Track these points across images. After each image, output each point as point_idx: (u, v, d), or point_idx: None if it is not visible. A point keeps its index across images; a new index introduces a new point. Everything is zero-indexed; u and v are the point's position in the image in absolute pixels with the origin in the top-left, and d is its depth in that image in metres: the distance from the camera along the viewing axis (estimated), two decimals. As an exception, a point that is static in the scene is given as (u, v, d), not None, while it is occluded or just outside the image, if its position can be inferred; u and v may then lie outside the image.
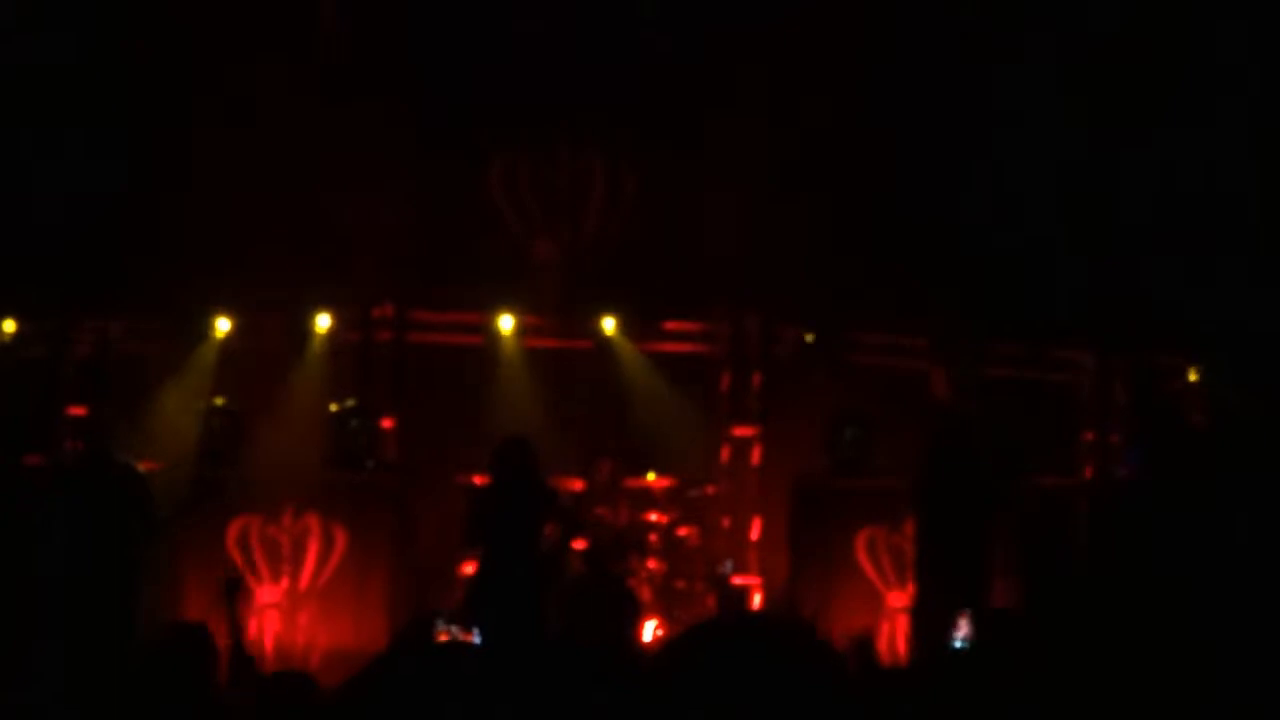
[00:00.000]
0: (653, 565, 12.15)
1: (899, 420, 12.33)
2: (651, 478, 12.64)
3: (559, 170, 13.79)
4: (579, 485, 12.26)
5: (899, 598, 11.96)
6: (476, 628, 10.03)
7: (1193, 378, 13.55)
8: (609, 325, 13.25)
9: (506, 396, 12.84)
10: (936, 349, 13.20)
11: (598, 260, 13.58)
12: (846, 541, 12.30)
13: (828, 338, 13.27)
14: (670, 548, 12.38)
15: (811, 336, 13.26)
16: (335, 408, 12.22)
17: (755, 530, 13.10)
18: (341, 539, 11.69)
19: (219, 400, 12.04)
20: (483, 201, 13.56)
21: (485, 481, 11.05)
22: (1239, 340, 12.64)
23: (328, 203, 12.74)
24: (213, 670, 6.94)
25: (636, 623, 10.87)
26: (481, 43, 13.20)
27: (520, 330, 13.19)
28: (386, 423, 12.61)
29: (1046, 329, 13.34)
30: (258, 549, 11.60)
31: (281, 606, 11.55)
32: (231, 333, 12.53)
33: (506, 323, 13.14)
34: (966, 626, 9.39)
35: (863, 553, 12.30)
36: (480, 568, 10.54)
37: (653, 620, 11.80)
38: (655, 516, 12.43)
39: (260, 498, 11.64)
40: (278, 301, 12.55)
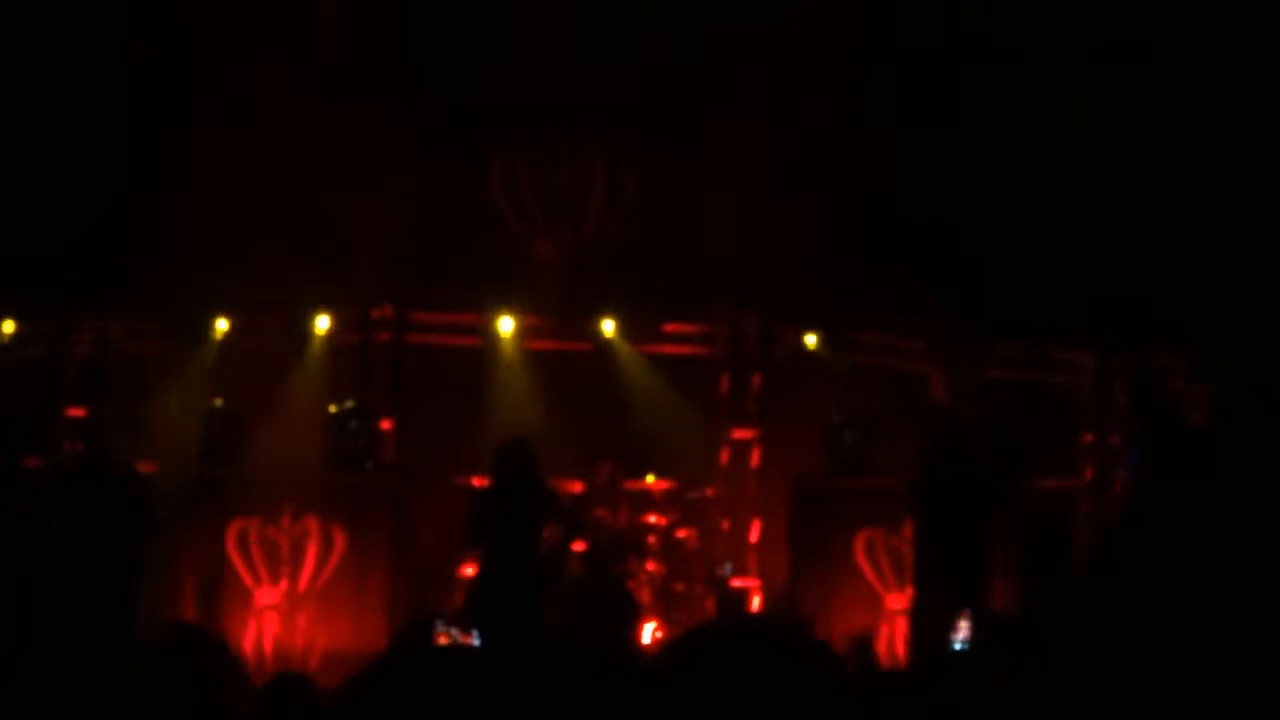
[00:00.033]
0: (652, 567, 12.13)
1: (898, 421, 12.33)
2: (651, 480, 12.62)
3: (559, 170, 13.78)
4: (578, 487, 12.24)
5: (898, 599, 11.94)
6: (477, 629, 10.03)
7: (1193, 379, 13.53)
8: (609, 327, 13.25)
9: (506, 398, 12.83)
10: (936, 350, 13.21)
11: (597, 261, 13.57)
12: (846, 543, 12.28)
13: (828, 340, 13.26)
14: (669, 550, 12.36)
15: (814, 343, 13.24)
16: (334, 409, 12.20)
17: (754, 532, 13.09)
18: (340, 540, 11.68)
19: (218, 401, 12.03)
20: (483, 201, 13.55)
21: (485, 483, 11.04)
22: (1239, 341, 12.62)
23: (328, 203, 12.73)
24: (211, 671, 6.93)
25: (635, 624, 10.87)
26: (481, 43, 13.19)
27: (520, 331, 13.18)
28: (385, 424, 12.59)
29: (1046, 330, 13.33)
30: (257, 550, 11.59)
31: (280, 608, 11.54)
32: (231, 333, 12.52)
33: (506, 324, 13.13)
34: (966, 628, 9.37)
35: (862, 554, 12.28)
36: (481, 569, 10.53)
37: (652, 622, 11.78)
38: (654, 518, 12.41)
39: (259, 499, 11.63)
40: (277, 301, 12.55)
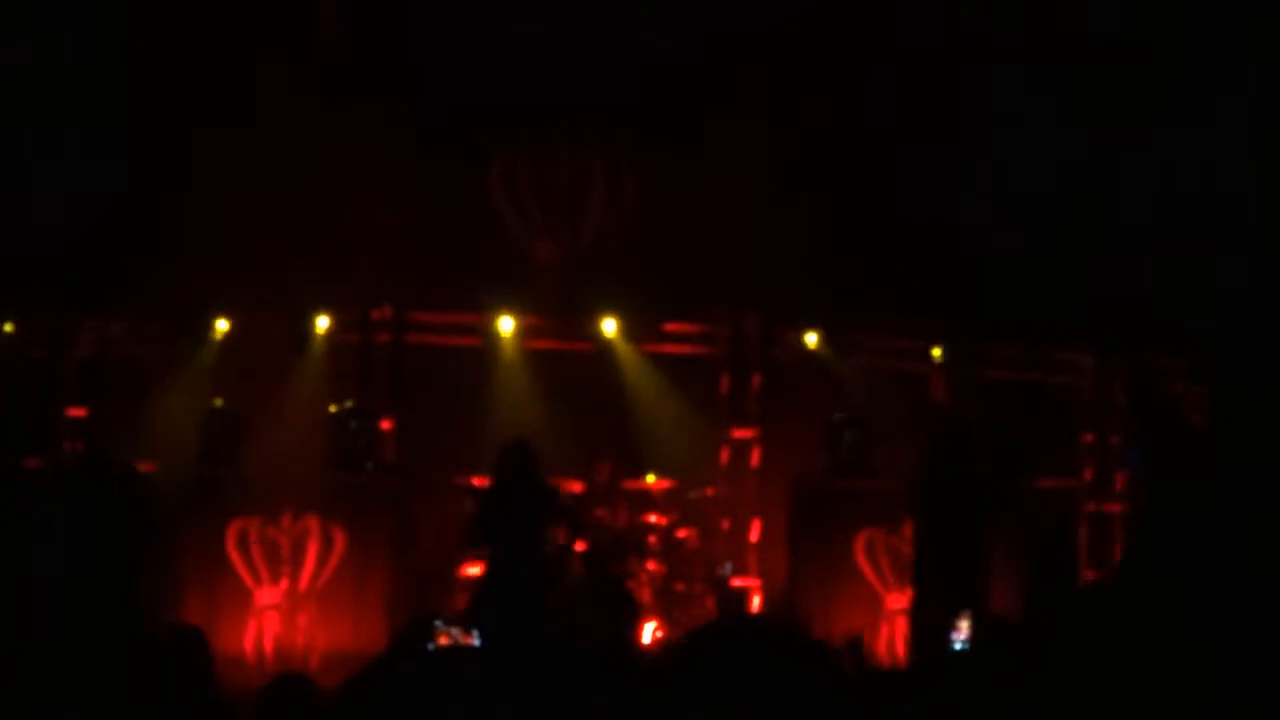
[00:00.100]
0: (652, 567, 12.13)
1: (898, 422, 12.33)
2: (651, 480, 12.62)
3: (559, 170, 13.78)
4: (578, 487, 12.24)
5: (898, 600, 11.93)
6: (480, 629, 10.00)
7: (1192, 380, 13.54)
8: (609, 327, 13.24)
9: (506, 398, 12.82)
10: (936, 350, 13.22)
11: (597, 261, 13.57)
12: (845, 543, 12.28)
13: (828, 340, 13.26)
14: (669, 549, 12.36)
15: (815, 343, 13.24)
16: (334, 409, 12.20)
17: (754, 532, 13.09)
18: (340, 540, 11.67)
19: (218, 401, 12.01)
20: (483, 202, 13.56)
21: (486, 483, 11.04)
22: (1239, 341, 12.62)
23: (328, 203, 12.73)
24: (210, 672, 6.93)
25: (635, 624, 10.86)
26: (481, 43, 13.18)
27: (519, 332, 13.18)
28: (385, 424, 12.60)
29: (1046, 330, 13.33)
30: (257, 550, 11.59)
31: (281, 608, 11.54)
32: (231, 333, 12.52)
33: (506, 324, 13.13)
34: (966, 628, 9.37)
35: (862, 554, 12.28)
36: (486, 570, 10.52)
37: (652, 622, 11.79)
38: (654, 518, 12.41)
39: (259, 499, 11.63)
40: (277, 301, 12.54)
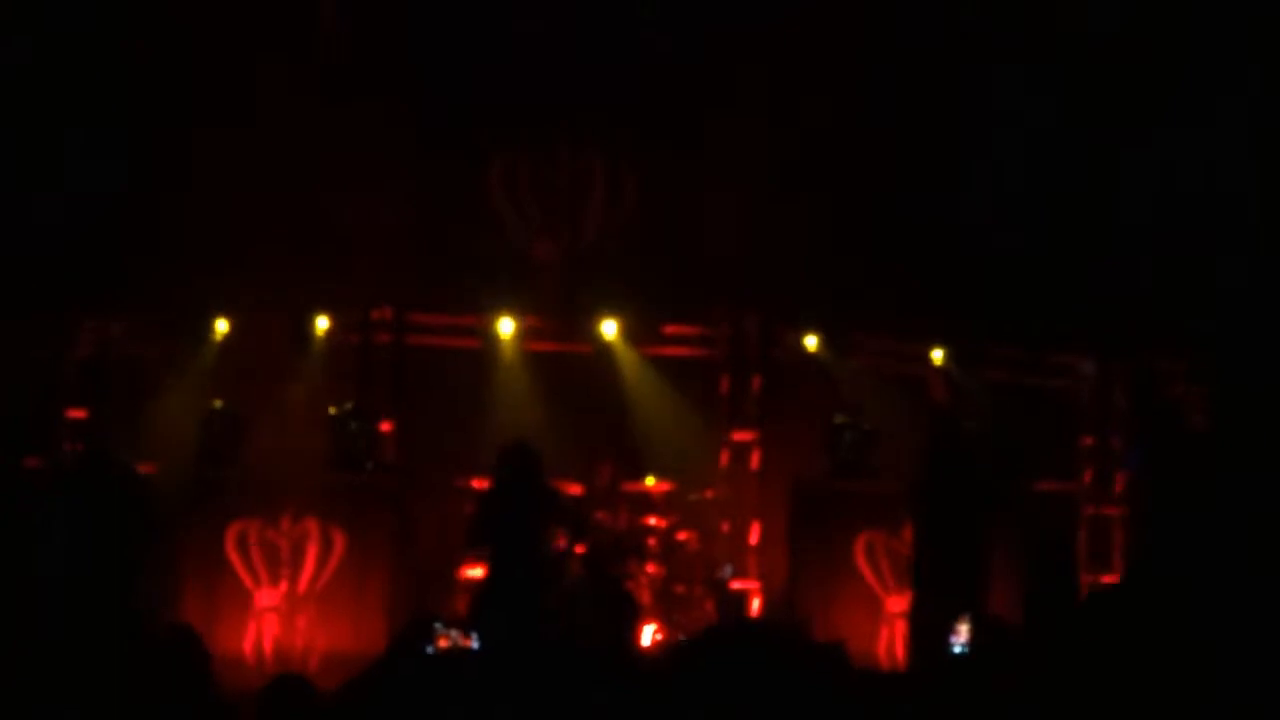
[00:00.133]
0: (652, 569, 12.10)
1: (898, 424, 12.32)
2: (651, 482, 12.59)
3: (559, 170, 13.77)
4: (578, 489, 12.21)
5: (898, 602, 11.89)
6: (482, 632, 9.96)
7: (1192, 381, 13.53)
8: (609, 329, 13.23)
9: (506, 400, 12.80)
10: (936, 352, 13.21)
11: (597, 262, 13.56)
12: (846, 545, 12.26)
13: (828, 341, 13.26)
14: (669, 552, 12.33)
15: (815, 344, 13.23)
16: (334, 410, 12.18)
17: (755, 534, 13.06)
18: (340, 542, 11.65)
19: (218, 401, 11.98)
20: (483, 202, 13.54)
21: (487, 485, 11.02)
22: (1239, 341, 12.61)
23: (328, 203, 12.72)
24: (209, 672, 6.92)
25: (635, 626, 10.84)
26: (481, 43, 13.18)
27: (520, 333, 13.16)
28: (385, 425, 12.56)
29: (1046, 333, 13.32)
30: (256, 552, 11.57)
31: (280, 609, 11.52)
32: (231, 333, 12.50)
33: (506, 326, 13.12)
34: (966, 631, 9.34)
35: (862, 557, 12.26)
36: (487, 572, 10.49)
37: (652, 624, 11.76)
38: (654, 521, 12.38)
39: (259, 500, 11.61)
40: (277, 301, 12.52)
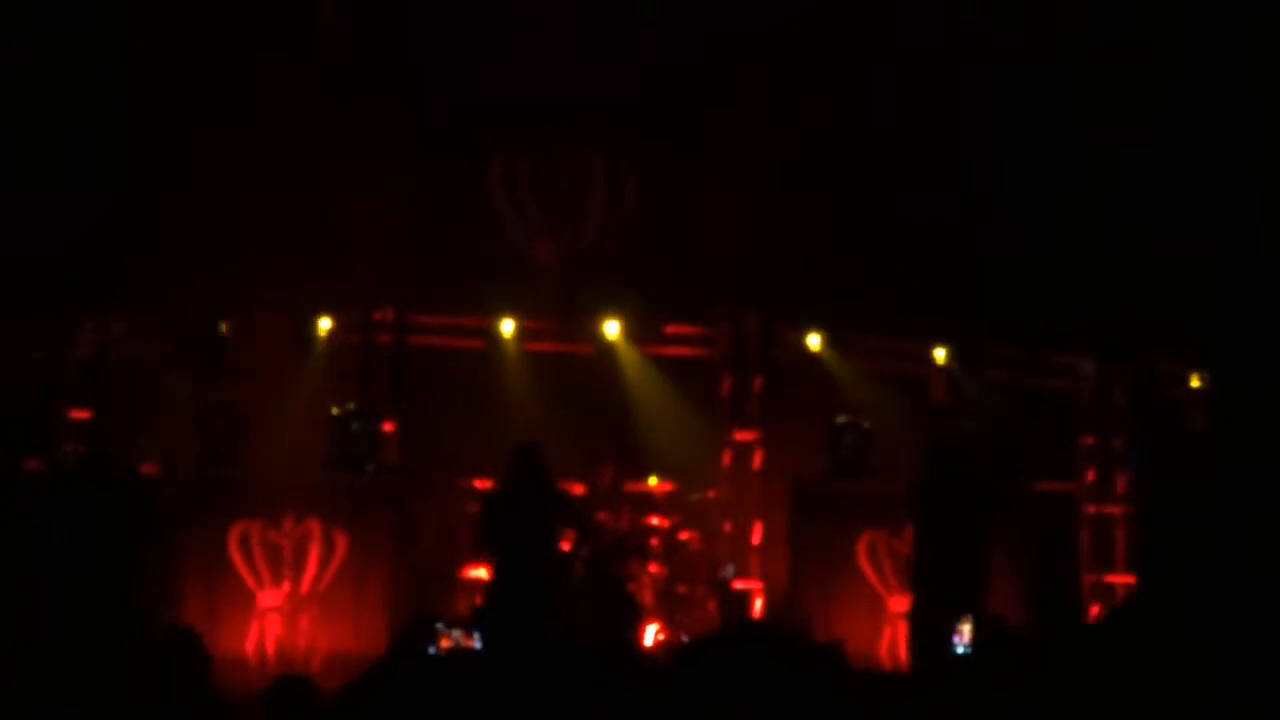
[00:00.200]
0: (654, 569, 12.09)
1: (899, 424, 12.32)
2: (653, 482, 12.58)
3: (559, 170, 13.76)
4: (581, 489, 12.20)
5: (900, 602, 11.88)
6: (491, 632, 9.93)
7: (1194, 383, 13.54)
8: (611, 330, 13.22)
9: (507, 400, 12.79)
10: (936, 352, 13.21)
11: (597, 262, 13.56)
12: (847, 545, 12.26)
13: (829, 341, 13.25)
14: (671, 552, 12.33)
15: (816, 345, 13.23)
16: (336, 411, 12.18)
17: (757, 534, 13.05)
18: (342, 543, 11.64)
19: (218, 402, 11.95)
20: (483, 202, 13.54)
21: (490, 486, 11.01)
22: (1239, 341, 12.62)
23: (328, 203, 12.71)
24: (208, 672, 6.92)
25: (637, 626, 10.84)
26: (481, 43, 13.17)
27: (521, 334, 13.15)
28: (387, 426, 12.56)
29: (1046, 333, 13.32)
30: (259, 553, 11.56)
31: (282, 610, 11.52)
32: (231, 333, 12.47)
33: (507, 327, 13.10)
34: (969, 632, 9.35)
35: (864, 557, 12.26)
36: (495, 574, 10.47)
37: (654, 624, 11.76)
38: (657, 521, 12.37)
39: (261, 501, 11.61)
40: (278, 302, 12.51)
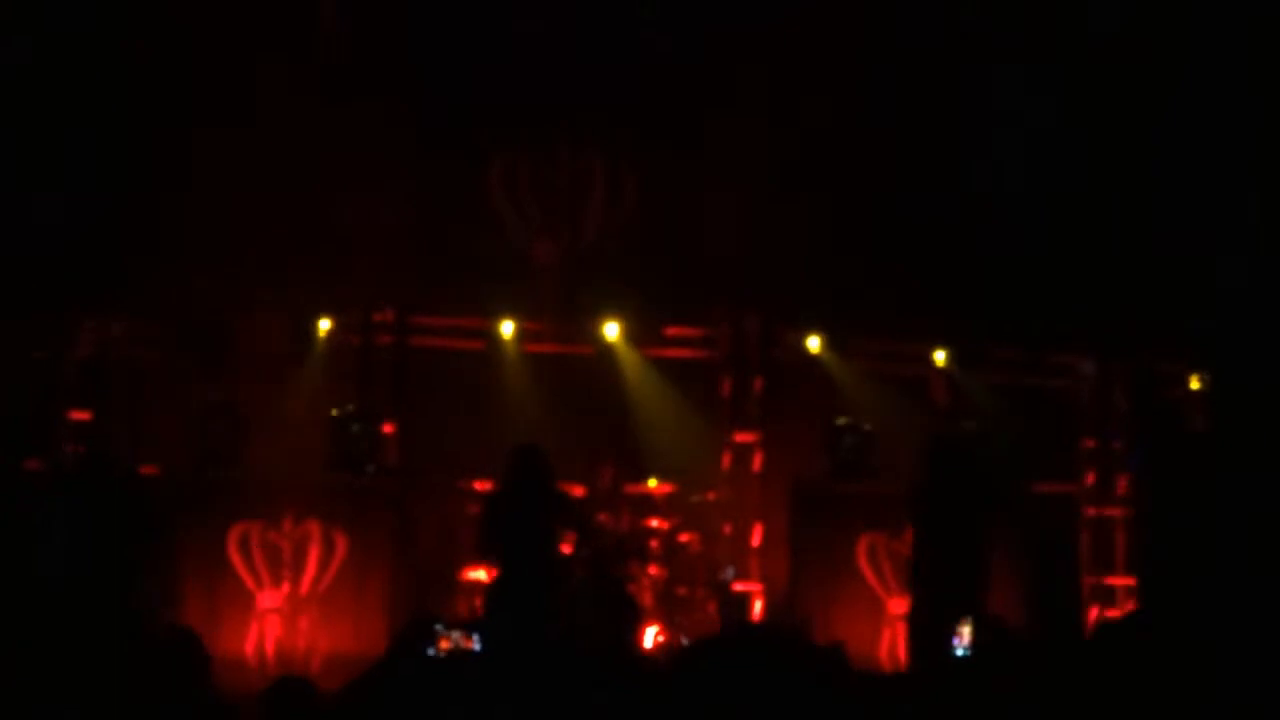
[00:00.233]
0: (654, 571, 12.08)
1: (899, 425, 12.32)
2: (653, 484, 12.56)
3: (559, 171, 13.76)
4: (581, 491, 12.19)
5: (900, 604, 11.86)
6: (493, 635, 9.90)
7: (1194, 384, 13.54)
8: (611, 331, 13.21)
9: (508, 402, 12.78)
10: (936, 353, 13.21)
11: (598, 261, 13.55)
12: (847, 547, 12.25)
13: (830, 343, 13.25)
14: (671, 554, 12.31)
15: (816, 346, 13.23)
16: (336, 412, 12.17)
17: (757, 536, 13.04)
18: (342, 544, 11.64)
19: (218, 403, 11.95)
20: (483, 202, 13.53)
21: (491, 487, 10.99)
22: (1239, 341, 12.62)
23: (328, 203, 12.71)
24: (208, 673, 6.92)
25: (637, 628, 10.82)
26: (481, 43, 13.17)
27: (521, 335, 13.14)
28: (387, 427, 12.54)
29: (1046, 333, 13.32)
30: (258, 554, 11.55)
31: (282, 611, 11.51)
32: (231, 333, 12.46)
33: (507, 328, 13.10)
34: (969, 634, 9.33)
35: (863, 559, 12.25)
36: (498, 576, 10.45)
37: (654, 626, 11.75)
38: (657, 522, 12.35)
39: (261, 502, 11.61)
40: (278, 302, 12.50)
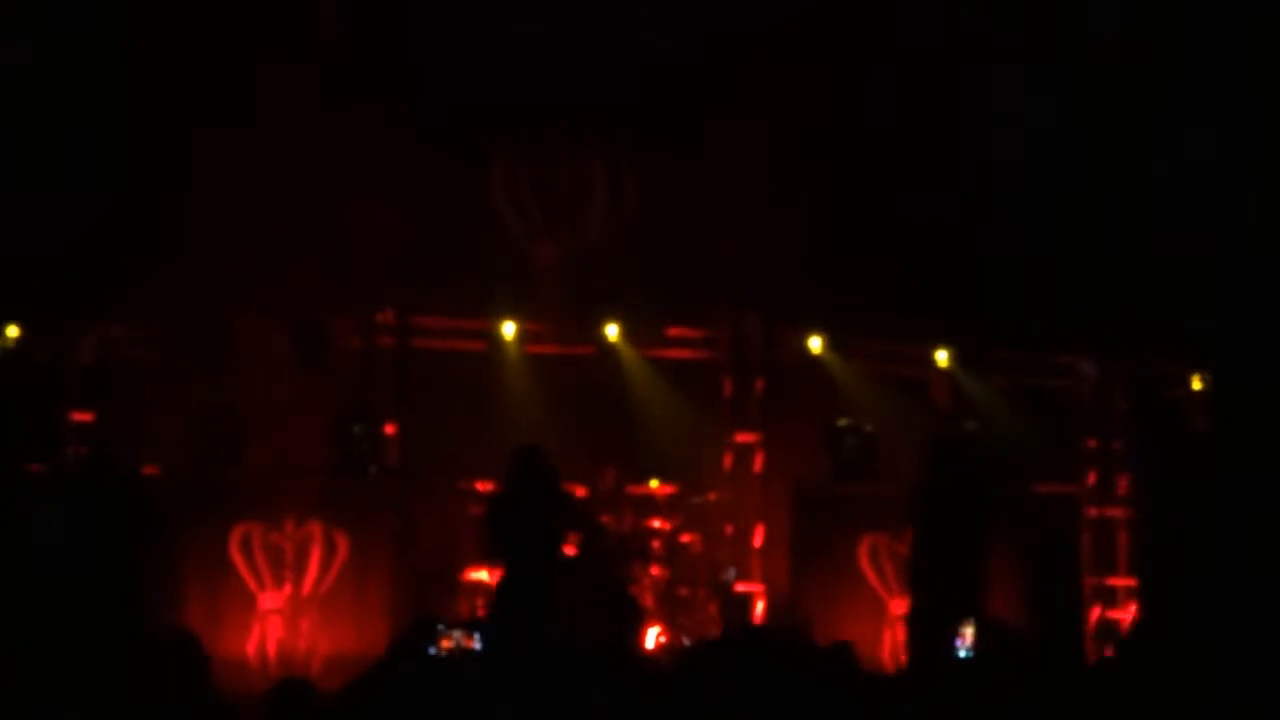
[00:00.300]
0: (656, 572, 12.08)
1: (900, 426, 12.31)
2: (655, 484, 12.57)
3: (559, 171, 13.75)
4: (583, 492, 12.18)
5: (901, 605, 11.84)
6: (499, 636, 9.87)
7: (1195, 384, 13.53)
8: (612, 332, 13.21)
9: (509, 403, 12.77)
10: (937, 354, 13.20)
11: (598, 262, 13.55)
12: (849, 548, 12.26)
13: (830, 343, 13.25)
14: (673, 555, 12.31)
15: (818, 347, 13.22)
16: (337, 413, 12.17)
17: (758, 537, 13.04)
18: (344, 545, 11.64)
19: (220, 404, 11.93)
20: (483, 202, 13.53)
21: (493, 489, 10.99)
22: (1239, 341, 12.62)
23: (328, 203, 12.70)
24: (208, 674, 6.92)
25: (638, 628, 10.82)
26: (481, 43, 13.16)
27: (522, 336, 13.14)
28: (389, 428, 12.55)
29: (1047, 334, 13.31)
30: (260, 555, 11.55)
31: (284, 612, 11.51)
32: (233, 335, 12.45)
33: (509, 329, 13.09)
34: (971, 635, 9.34)
35: (865, 559, 12.25)
36: (504, 577, 10.43)
37: (655, 627, 11.75)
38: (658, 523, 12.35)
39: (263, 503, 11.60)
40: (279, 303, 12.50)
